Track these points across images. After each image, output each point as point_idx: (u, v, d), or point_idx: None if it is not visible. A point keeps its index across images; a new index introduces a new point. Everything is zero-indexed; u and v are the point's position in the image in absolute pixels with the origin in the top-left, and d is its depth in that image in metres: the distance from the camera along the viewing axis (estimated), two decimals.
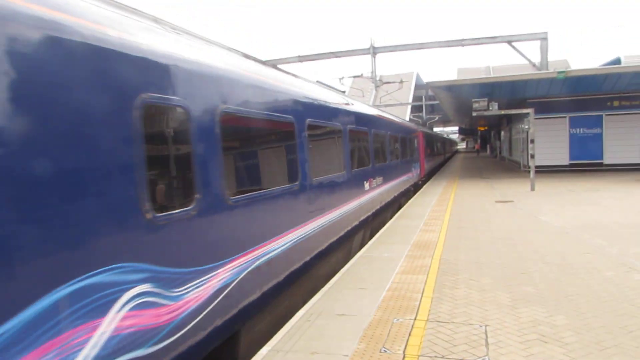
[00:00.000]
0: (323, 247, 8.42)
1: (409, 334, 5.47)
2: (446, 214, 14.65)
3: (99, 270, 3.22)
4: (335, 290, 7.37)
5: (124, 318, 3.42)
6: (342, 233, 9.82)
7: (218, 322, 4.74)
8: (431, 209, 16.08)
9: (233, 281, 5.02)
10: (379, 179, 13.77)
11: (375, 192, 13.11)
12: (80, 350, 3.04)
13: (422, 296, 6.87)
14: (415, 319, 5.96)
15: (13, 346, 2.59)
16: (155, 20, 4.58)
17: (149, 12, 4.77)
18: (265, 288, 5.88)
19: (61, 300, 2.91)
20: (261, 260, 5.75)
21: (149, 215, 3.75)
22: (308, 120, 7.78)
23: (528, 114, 21.34)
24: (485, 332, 5.44)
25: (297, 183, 7.18)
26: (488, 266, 8.40)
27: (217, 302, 4.70)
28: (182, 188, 4.48)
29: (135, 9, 4.30)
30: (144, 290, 3.64)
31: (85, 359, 3.07)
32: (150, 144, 3.85)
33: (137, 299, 3.55)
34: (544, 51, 28.20)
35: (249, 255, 5.48)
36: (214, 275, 4.67)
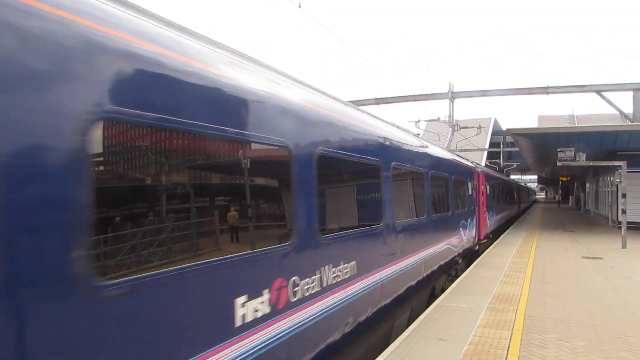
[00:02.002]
0: None
1: None
2: (528, 267, 13.93)
3: None
4: (412, 340, 7.15)
5: None
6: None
7: None
8: (511, 260, 15.35)
9: None
10: (373, 259, 6.93)
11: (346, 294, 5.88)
12: None
13: (507, 353, 6.51)
14: None
15: None
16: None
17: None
18: None
19: None
20: None
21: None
22: None
23: (619, 166, 20.14)
24: None
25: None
26: (579, 326, 7.83)
27: None
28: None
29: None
30: None
31: None
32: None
33: None
34: (637, 101, 26.76)
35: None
36: None
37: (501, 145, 62.04)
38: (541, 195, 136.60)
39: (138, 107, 2.97)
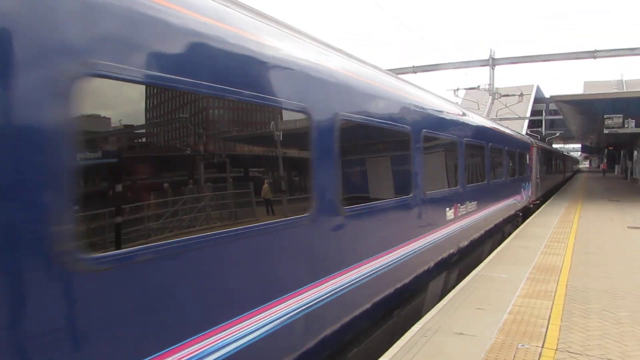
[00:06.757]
0: None
1: None
2: (570, 237, 13.58)
3: None
4: (451, 308, 7.14)
5: None
6: None
7: None
8: (552, 230, 15.00)
9: None
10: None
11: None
12: None
13: (548, 323, 6.41)
14: (542, 346, 5.58)
15: None
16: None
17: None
18: None
19: None
20: None
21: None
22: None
23: None
24: None
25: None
26: (624, 297, 7.63)
27: None
28: None
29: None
30: None
31: None
32: None
33: None
34: None
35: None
36: None
37: (543, 114, 60.10)
38: (585, 165, 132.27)
39: None
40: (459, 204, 9.61)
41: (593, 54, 27.73)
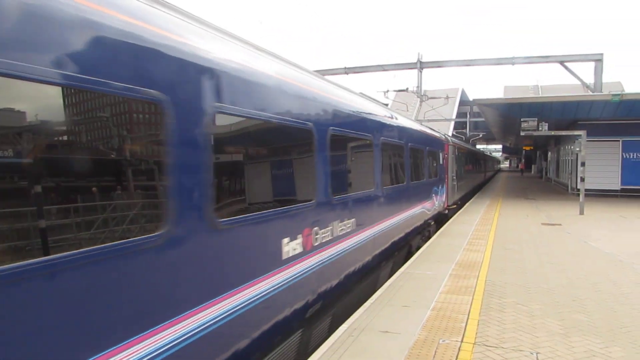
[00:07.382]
0: None
1: (457, 357, 5.35)
2: (490, 234, 14.31)
3: None
4: (377, 307, 7.30)
5: None
6: None
7: None
8: (474, 227, 15.75)
9: None
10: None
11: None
12: None
13: (468, 318, 6.71)
14: (462, 341, 5.83)
15: None
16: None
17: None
18: None
19: None
20: None
21: None
22: None
23: (579, 136, 20.71)
24: None
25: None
26: (536, 291, 8.14)
27: None
28: None
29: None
30: None
31: None
32: None
33: None
34: (598, 73, 27.37)
35: None
36: None
37: (468, 116, 62.88)
38: (506, 165, 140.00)
39: None
40: (315, 228, 6.13)
41: (512, 61, 29.40)
